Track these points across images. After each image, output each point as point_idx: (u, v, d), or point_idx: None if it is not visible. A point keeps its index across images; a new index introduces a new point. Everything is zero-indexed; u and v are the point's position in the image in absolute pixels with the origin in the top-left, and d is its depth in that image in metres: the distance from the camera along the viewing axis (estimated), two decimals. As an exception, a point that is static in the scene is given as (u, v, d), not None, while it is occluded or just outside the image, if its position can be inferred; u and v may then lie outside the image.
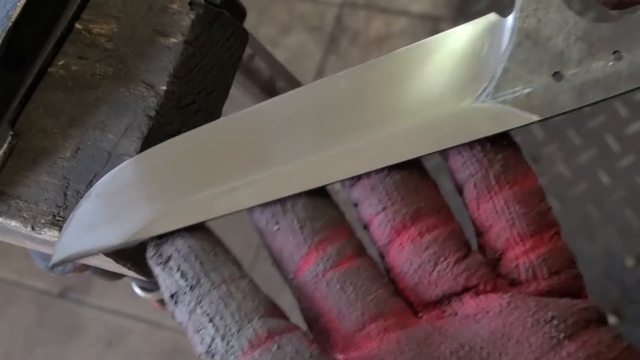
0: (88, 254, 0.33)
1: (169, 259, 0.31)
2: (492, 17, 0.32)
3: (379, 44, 1.37)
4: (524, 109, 0.30)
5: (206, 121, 0.44)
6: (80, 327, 1.36)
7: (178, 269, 0.30)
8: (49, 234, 0.39)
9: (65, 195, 0.40)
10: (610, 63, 0.30)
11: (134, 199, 0.32)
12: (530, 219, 0.30)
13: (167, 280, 0.30)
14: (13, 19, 0.41)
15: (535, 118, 0.30)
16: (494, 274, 0.30)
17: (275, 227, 0.31)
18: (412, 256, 0.30)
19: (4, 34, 0.41)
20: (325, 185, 0.31)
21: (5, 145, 0.41)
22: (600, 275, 1.10)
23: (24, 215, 0.40)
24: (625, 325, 1.07)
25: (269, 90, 0.67)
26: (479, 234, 0.31)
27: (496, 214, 0.30)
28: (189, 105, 0.43)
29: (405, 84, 0.31)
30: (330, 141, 0.31)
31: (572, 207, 1.15)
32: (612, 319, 1.08)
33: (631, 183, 1.14)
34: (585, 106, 0.30)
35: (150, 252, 0.31)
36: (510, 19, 0.31)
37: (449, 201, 0.32)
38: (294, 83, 0.71)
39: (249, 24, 0.49)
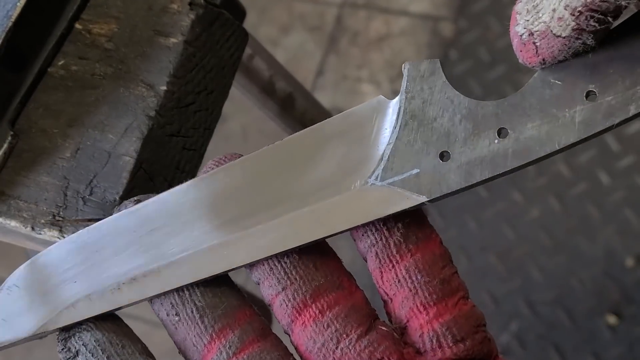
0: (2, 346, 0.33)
1: (77, 353, 0.31)
2: (379, 99, 0.32)
3: (379, 44, 1.37)
4: (413, 190, 0.30)
5: (206, 121, 0.44)
6: (80, 327, 1.36)
7: None
8: (49, 234, 0.39)
9: (65, 195, 0.40)
10: (496, 141, 0.30)
11: (42, 292, 0.33)
12: (433, 287, 0.30)
13: None
14: (13, 19, 0.41)
15: (424, 199, 0.30)
16: (400, 344, 0.30)
17: (176, 318, 0.32)
18: (315, 335, 0.30)
19: (4, 34, 0.41)
20: (225, 272, 0.32)
21: (5, 145, 0.41)
22: (600, 275, 1.10)
23: (24, 215, 0.40)
24: (625, 325, 1.07)
25: (268, 90, 0.67)
26: (385, 302, 0.32)
27: (399, 283, 0.30)
28: (189, 105, 0.43)
29: (299, 169, 0.32)
30: (225, 229, 0.32)
31: (572, 207, 1.15)
32: (612, 319, 1.08)
33: (631, 183, 1.14)
34: (474, 185, 0.30)
35: (59, 347, 0.32)
36: (396, 101, 0.31)
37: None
38: (293, 83, 0.71)
39: (249, 24, 0.49)
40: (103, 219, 0.34)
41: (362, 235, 0.31)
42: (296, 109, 0.71)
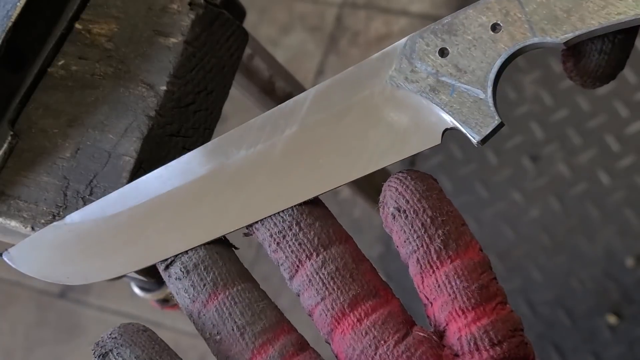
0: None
1: None
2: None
3: (379, 44, 1.37)
4: None
5: (206, 121, 0.44)
6: (80, 327, 1.35)
7: None
8: (49, 234, 0.39)
9: (65, 195, 0.40)
10: None
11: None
12: (471, 293, 0.31)
13: None
14: (13, 19, 0.41)
15: None
16: (437, 347, 0.31)
17: (217, 337, 0.33)
18: (353, 342, 0.31)
19: (4, 34, 0.41)
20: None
21: (5, 145, 0.41)
22: (600, 275, 1.10)
23: (24, 215, 0.40)
24: (625, 325, 1.07)
25: (268, 90, 0.67)
26: (425, 305, 0.32)
27: (439, 288, 0.31)
28: (188, 105, 0.43)
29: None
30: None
31: (572, 207, 1.14)
32: (612, 319, 1.08)
33: (631, 183, 1.14)
34: None
35: None
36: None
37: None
38: (293, 83, 0.71)
39: (249, 24, 0.49)
40: None
41: (404, 242, 0.32)
42: (296, 109, 0.71)
